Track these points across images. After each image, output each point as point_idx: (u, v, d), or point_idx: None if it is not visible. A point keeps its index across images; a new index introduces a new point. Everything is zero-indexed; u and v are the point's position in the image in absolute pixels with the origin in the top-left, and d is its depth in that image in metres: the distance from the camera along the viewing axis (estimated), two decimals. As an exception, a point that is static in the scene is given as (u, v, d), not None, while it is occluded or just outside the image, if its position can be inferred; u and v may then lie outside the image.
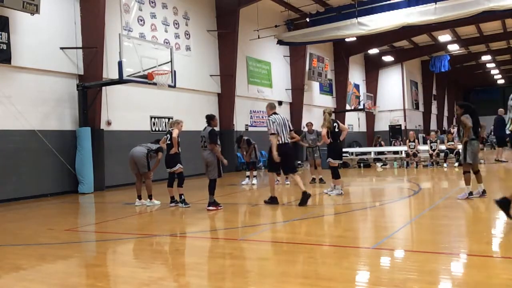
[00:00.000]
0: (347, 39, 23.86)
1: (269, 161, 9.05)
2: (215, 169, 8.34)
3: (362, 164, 18.41)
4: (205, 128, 8.50)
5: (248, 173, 13.21)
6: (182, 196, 8.98)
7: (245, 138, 13.12)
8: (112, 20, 13.81)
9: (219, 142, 8.51)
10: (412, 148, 16.88)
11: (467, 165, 8.06)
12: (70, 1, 12.82)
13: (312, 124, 12.94)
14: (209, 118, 8.58)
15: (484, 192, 8.11)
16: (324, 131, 9.63)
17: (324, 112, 9.83)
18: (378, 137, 23.66)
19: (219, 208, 8.33)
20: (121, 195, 11.79)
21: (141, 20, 15.05)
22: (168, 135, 9.08)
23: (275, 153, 8.34)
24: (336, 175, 9.68)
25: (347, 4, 19.90)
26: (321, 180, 12.14)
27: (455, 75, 41.96)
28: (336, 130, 9.76)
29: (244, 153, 13.18)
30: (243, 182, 13.02)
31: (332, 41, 25.11)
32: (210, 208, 8.29)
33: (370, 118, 34.04)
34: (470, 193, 8.08)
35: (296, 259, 4.98)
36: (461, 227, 6.14)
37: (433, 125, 40.81)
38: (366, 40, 25.68)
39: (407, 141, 17.51)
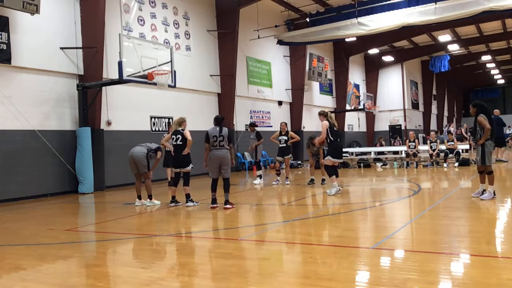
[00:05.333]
0: (347, 39, 23.86)
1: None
2: (229, 168, 8.61)
3: (362, 164, 18.40)
4: (221, 128, 8.49)
5: (259, 172, 13.41)
6: (189, 195, 9.03)
7: (257, 130, 13.34)
8: (112, 20, 13.81)
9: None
10: (412, 148, 16.88)
11: (487, 166, 7.98)
12: (70, 1, 12.82)
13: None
14: (222, 120, 8.75)
15: (483, 192, 8.10)
16: (324, 131, 9.67)
17: (326, 113, 9.90)
18: (380, 137, 23.75)
19: (233, 206, 8.49)
20: (121, 195, 11.79)
21: (141, 20, 15.05)
22: (179, 136, 8.95)
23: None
24: (331, 173, 9.68)
25: (347, 4, 19.91)
26: (322, 181, 12.04)
27: (455, 75, 41.94)
28: (335, 129, 9.80)
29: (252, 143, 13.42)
30: (256, 182, 13.15)
31: (332, 41, 25.11)
32: (228, 206, 8.41)
33: (370, 118, 34.06)
34: (494, 193, 7.99)
35: (296, 259, 4.99)
36: (461, 227, 6.14)
37: (433, 125, 40.81)
38: (366, 40, 25.70)
39: (407, 141, 17.51)
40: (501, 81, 49.79)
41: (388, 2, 17.13)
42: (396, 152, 19.02)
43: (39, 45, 11.92)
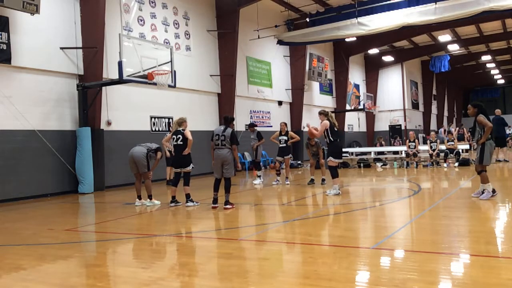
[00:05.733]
0: (347, 39, 23.85)
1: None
2: (232, 168, 8.62)
3: (362, 164, 18.40)
4: (225, 128, 8.48)
5: (259, 172, 13.41)
6: (190, 195, 9.04)
7: (257, 129, 13.46)
8: (112, 20, 13.81)
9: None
10: (412, 148, 16.88)
11: (479, 165, 8.00)
12: (70, 1, 12.81)
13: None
14: (230, 120, 8.74)
15: (483, 192, 8.10)
16: (321, 130, 9.71)
17: (327, 112, 9.93)
18: (380, 137, 23.78)
19: (233, 206, 8.48)
20: (121, 195, 11.79)
21: (141, 20, 15.05)
22: (180, 136, 8.98)
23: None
24: (334, 174, 9.69)
25: (347, 4, 19.91)
26: (322, 181, 12.03)
27: (455, 75, 41.95)
28: (336, 129, 9.81)
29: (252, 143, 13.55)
30: (255, 182, 13.16)
31: (332, 41, 25.10)
32: (228, 206, 8.40)
33: (370, 118, 34.06)
34: (494, 190, 8.00)
35: (296, 259, 4.99)
36: (461, 227, 6.14)
37: (433, 125, 40.81)
38: (366, 40, 25.70)
39: (407, 141, 17.51)
40: (501, 81, 49.80)
41: (388, 2, 17.13)
42: (396, 152, 19.00)
43: (39, 45, 11.92)
